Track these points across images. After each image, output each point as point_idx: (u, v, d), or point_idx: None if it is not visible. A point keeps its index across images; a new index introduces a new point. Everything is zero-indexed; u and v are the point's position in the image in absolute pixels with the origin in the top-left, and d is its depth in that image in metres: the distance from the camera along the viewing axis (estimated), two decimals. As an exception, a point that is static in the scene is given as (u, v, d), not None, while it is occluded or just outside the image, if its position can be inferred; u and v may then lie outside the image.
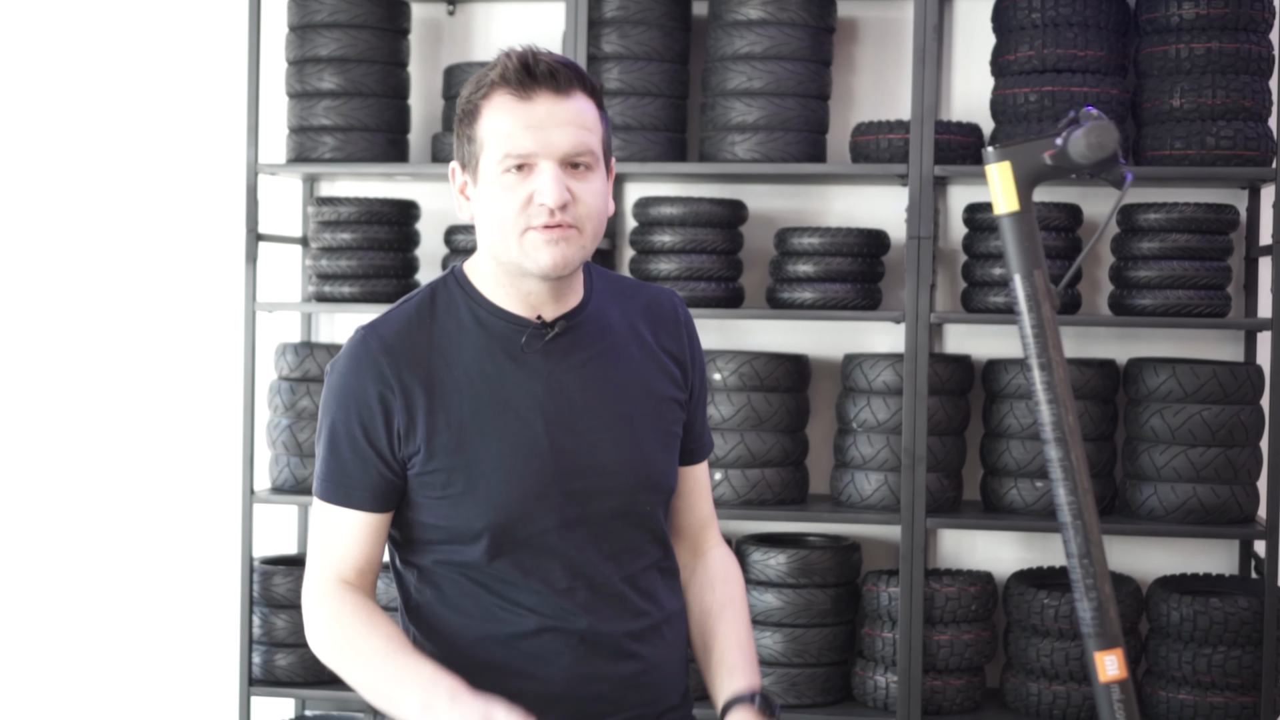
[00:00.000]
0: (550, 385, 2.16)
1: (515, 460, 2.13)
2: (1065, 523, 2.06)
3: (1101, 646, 2.06)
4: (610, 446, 2.18)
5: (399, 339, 2.16)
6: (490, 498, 2.12)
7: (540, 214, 2.08)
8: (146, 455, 4.99)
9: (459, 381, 2.14)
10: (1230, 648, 4.12)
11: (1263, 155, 4.16)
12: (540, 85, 2.11)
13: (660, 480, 2.25)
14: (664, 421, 2.25)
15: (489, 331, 2.17)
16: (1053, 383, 2.08)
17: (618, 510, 2.19)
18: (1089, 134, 2.07)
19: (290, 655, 4.52)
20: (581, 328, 2.21)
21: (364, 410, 2.13)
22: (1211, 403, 4.15)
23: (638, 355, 2.24)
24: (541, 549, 2.15)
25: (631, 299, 2.29)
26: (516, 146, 2.09)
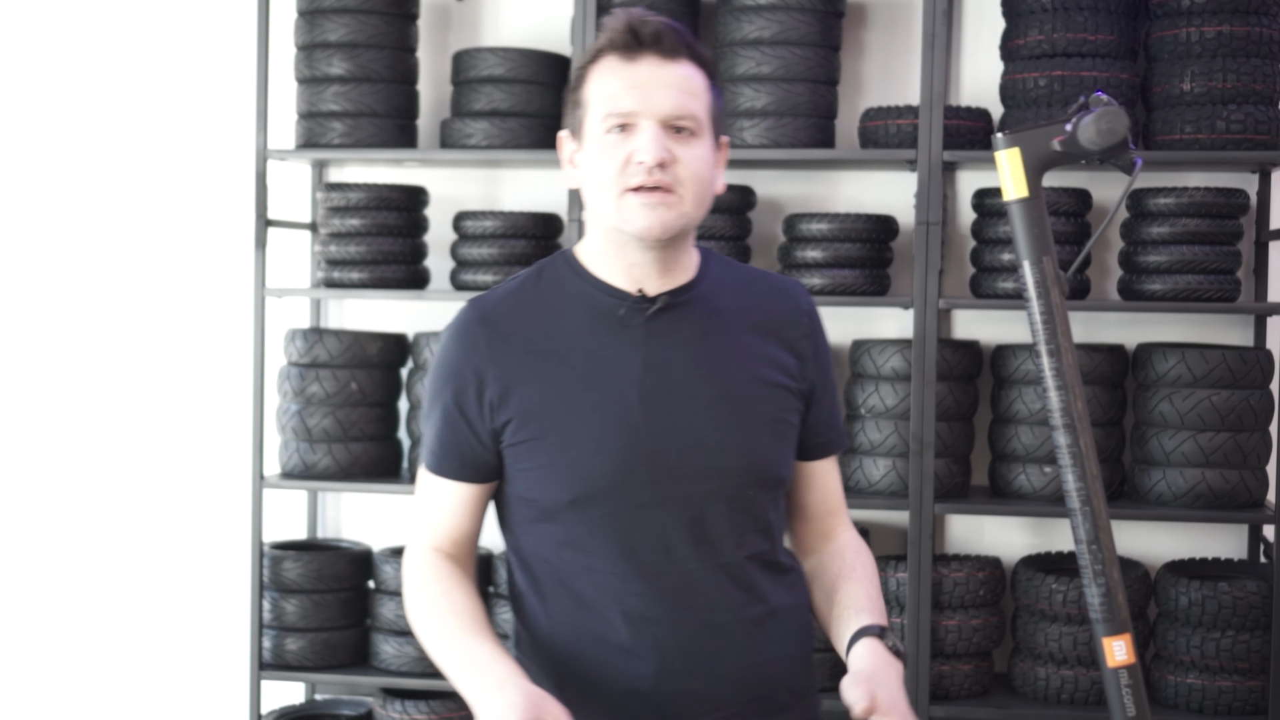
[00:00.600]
0: (649, 360, 2.13)
1: (606, 431, 2.10)
2: (1073, 509, 2.07)
3: (1110, 632, 2.07)
4: (709, 427, 2.12)
5: (499, 310, 2.17)
6: (578, 467, 2.09)
7: (638, 173, 2.06)
8: (157, 441, 5.00)
9: (557, 352, 2.13)
10: (1239, 632, 4.12)
11: (1273, 139, 4.15)
12: (646, 48, 2.09)
13: (764, 467, 2.17)
14: (773, 409, 2.18)
15: (591, 304, 2.15)
16: (1061, 369, 2.08)
17: (715, 493, 2.13)
18: (1099, 120, 2.07)
19: (300, 639, 4.54)
20: (688, 305, 2.17)
21: (459, 381, 2.14)
22: (1221, 387, 4.15)
23: (748, 340, 2.18)
24: (630, 529, 2.10)
25: (750, 285, 2.25)
26: (618, 105, 2.08)
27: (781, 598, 2.21)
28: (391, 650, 4.49)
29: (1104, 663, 2.07)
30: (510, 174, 4.83)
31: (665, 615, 2.11)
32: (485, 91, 4.49)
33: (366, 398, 4.55)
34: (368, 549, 4.72)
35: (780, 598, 2.20)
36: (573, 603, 2.14)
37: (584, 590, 2.13)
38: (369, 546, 4.75)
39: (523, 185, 4.81)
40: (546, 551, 2.16)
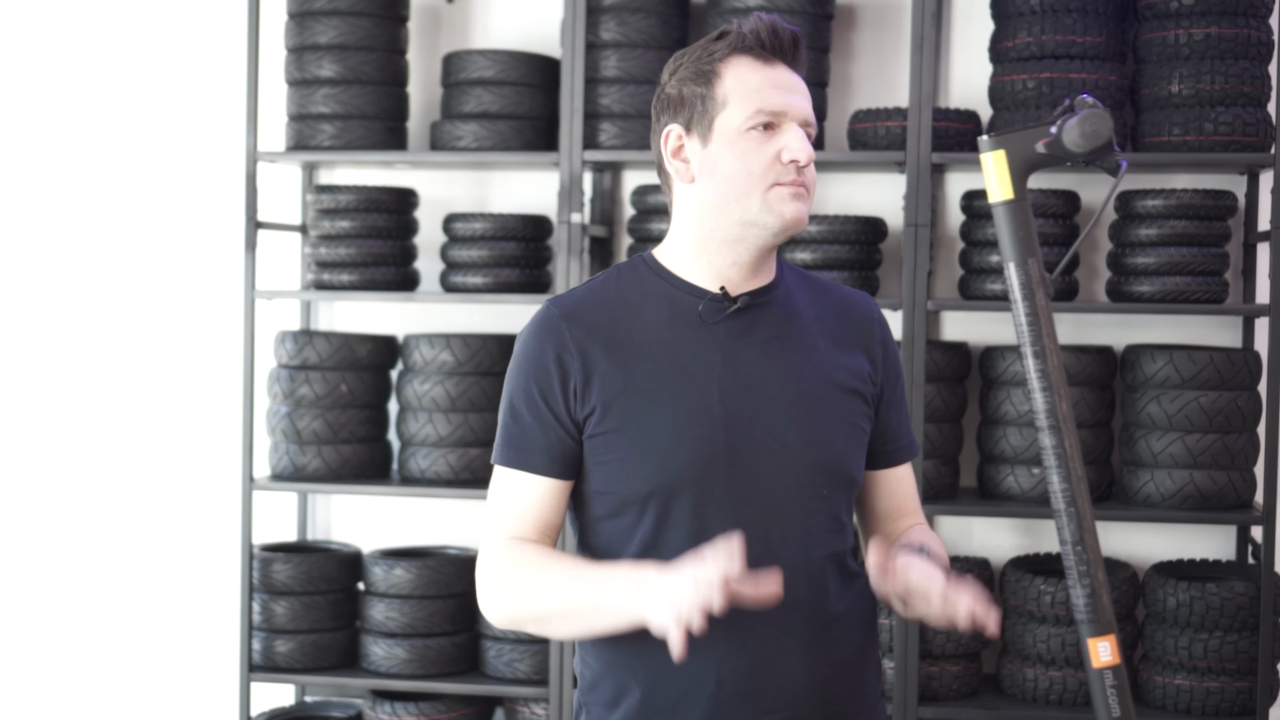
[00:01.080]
0: (729, 357, 2.17)
1: (686, 424, 2.13)
2: (1059, 510, 2.07)
3: (1095, 633, 2.07)
4: (786, 424, 2.16)
5: (580, 306, 2.20)
6: (658, 459, 2.12)
7: (789, 171, 2.13)
8: (147, 443, 5.00)
9: (638, 346, 2.16)
10: (1226, 633, 4.13)
11: (1261, 141, 4.16)
12: (782, 54, 2.18)
13: (839, 467, 2.20)
14: (846, 412, 2.22)
15: (672, 302, 2.19)
16: (1046, 370, 2.09)
17: (791, 491, 2.16)
18: (1083, 122, 2.08)
19: (290, 641, 4.54)
20: (767, 306, 2.22)
21: (542, 374, 2.16)
22: (1209, 389, 4.16)
23: (823, 345, 2.23)
24: (706, 523, 2.12)
25: (824, 294, 2.30)
26: (769, 103, 2.14)
27: (849, 602, 2.22)
28: (381, 652, 4.49)
29: (1089, 663, 2.08)
30: (500, 176, 4.84)
31: (732, 612, 2.04)
32: (475, 94, 4.49)
33: (356, 399, 4.55)
34: (357, 551, 4.72)
35: (848, 602, 2.21)
36: None
37: None
38: (359, 548, 4.75)
39: (513, 187, 4.81)
40: (619, 547, 2.18)
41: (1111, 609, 2.08)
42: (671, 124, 2.21)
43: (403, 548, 4.77)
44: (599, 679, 2.21)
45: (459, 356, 4.45)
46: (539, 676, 4.45)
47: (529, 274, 4.51)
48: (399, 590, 4.50)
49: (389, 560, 4.54)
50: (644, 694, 2.17)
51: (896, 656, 4.21)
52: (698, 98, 2.17)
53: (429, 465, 4.48)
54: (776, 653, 2.14)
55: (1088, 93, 4.10)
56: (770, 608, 2.06)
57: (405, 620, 4.49)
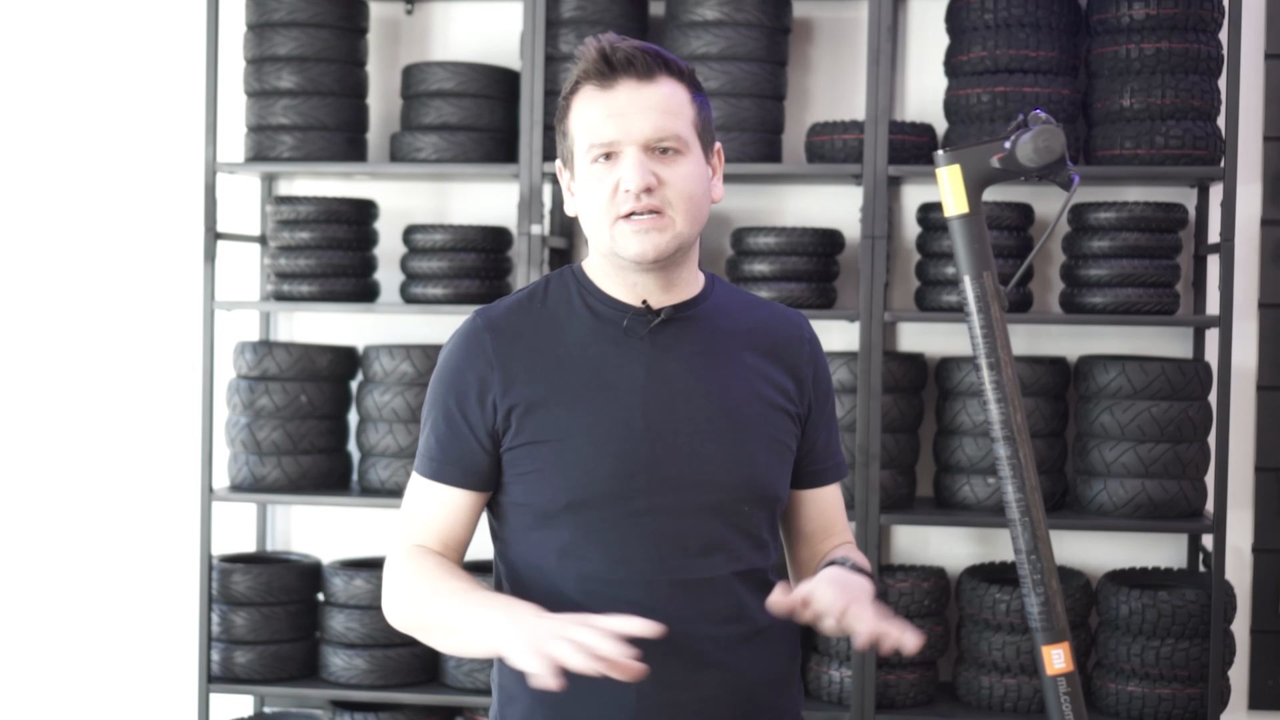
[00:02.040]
0: (653, 371, 2.15)
1: (608, 436, 2.11)
2: (1013, 519, 2.11)
3: (1049, 640, 2.11)
4: (709, 439, 2.14)
5: (505, 318, 2.18)
6: (578, 472, 2.10)
7: (626, 201, 2.09)
8: (105, 453, 4.99)
9: (561, 359, 2.15)
10: (1178, 640, 4.18)
11: (1211, 154, 4.22)
12: (620, 73, 2.11)
13: (761, 483, 2.18)
14: (771, 428, 2.20)
15: (596, 315, 2.18)
16: (1001, 382, 2.12)
17: (713, 506, 2.14)
18: (1036, 138, 2.12)
19: (249, 652, 4.53)
20: (692, 321, 2.20)
21: (461, 385, 2.15)
22: (1160, 399, 4.21)
23: (750, 360, 2.20)
24: (626, 536, 2.11)
25: (753, 310, 2.27)
26: (599, 135, 2.10)
27: (771, 617, 2.14)
28: (341, 663, 4.49)
29: (1043, 671, 2.11)
30: (460, 187, 4.85)
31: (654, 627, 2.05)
32: (435, 105, 4.51)
33: (316, 410, 4.55)
34: (317, 562, 4.72)
35: (769, 617, 2.14)
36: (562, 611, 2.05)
37: (574, 598, 2.11)
38: (318, 559, 4.75)
39: (472, 199, 4.83)
40: (539, 559, 2.15)
41: (1065, 617, 2.11)
42: (558, 160, 2.23)
43: (363, 558, 4.77)
44: (515, 693, 2.18)
45: (419, 367, 4.46)
46: (499, 686, 4.45)
47: (489, 285, 4.52)
48: (359, 601, 4.50)
49: (349, 571, 4.55)
50: (560, 710, 2.14)
51: (854, 665, 4.24)
52: (560, 135, 2.19)
53: (389, 476, 4.48)
54: (696, 667, 2.12)
55: (1040, 108, 4.15)
56: (693, 620, 2.09)
57: (365, 631, 4.49)
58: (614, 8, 4.43)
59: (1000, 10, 4.27)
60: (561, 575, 2.13)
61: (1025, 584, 2.11)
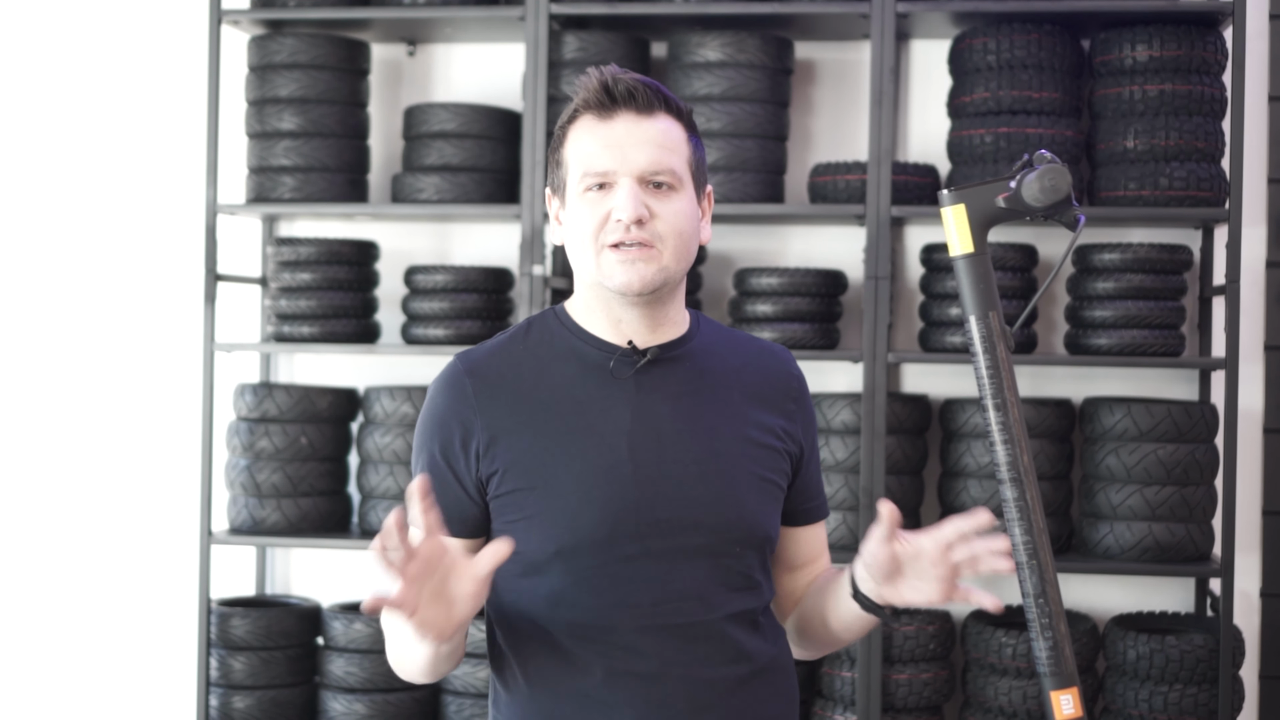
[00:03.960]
0: (639, 412, 2.11)
1: (594, 482, 2.07)
2: (1020, 562, 2.08)
3: (1057, 686, 2.07)
4: (698, 481, 2.10)
5: (487, 362, 2.15)
6: (566, 518, 2.07)
7: (616, 230, 2.07)
8: (104, 495, 4.96)
9: (545, 403, 2.11)
10: (1186, 685, 4.14)
11: (1216, 196, 4.21)
12: (620, 105, 2.10)
13: (751, 523, 2.14)
14: (761, 468, 2.16)
15: (580, 357, 2.14)
16: (1008, 423, 2.09)
17: (703, 548, 2.10)
18: (1042, 177, 2.10)
19: (248, 697, 4.50)
20: (678, 361, 2.16)
21: (444, 432, 2.12)
22: (1166, 441, 4.18)
23: (738, 399, 2.17)
24: (616, 582, 2.08)
25: (741, 348, 2.24)
26: (595, 164, 2.08)
27: (767, 658, 2.16)
28: (340, 708, 4.45)
29: (1051, 717, 2.08)
30: (461, 228, 4.84)
31: (649, 670, 2.07)
32: (436, 146, 4.50)
33: (316, 453, 4.53)
34: (317, 605, 4.69)
35: (765, 657, 2.15)
36: (554, 658, 2.10)
37: (566, 645, 2.09)
38: (318, 603, 4.72)
39: (474, 239, 4.82)
40: (530, 607, 2.12)
41: (1074, 661, 2.08)
42: (547, 187, 2.22)
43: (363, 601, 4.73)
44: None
45: (420, 409, 4.44)
46: (499, 731, 4.41)
47: (491, 326, 4.50)
48: (359, 645, 4.47)
49: (349, 615, 4.51)
50: None
51: (859, 708, 4.20)
52: (554, 163, 2.17)
53: (389, 518, 4.45)
54: (693, 711, 2.09)
55: (1045, 148, 4.15)
56: (687, 663, 2.07)
57: (365, 675, 4.45)
58: (616, 49, 4.43)
59: (1003, 52, 4.26)
60: (553, 622, 2.09)
61: (1033, 628, 2.07)
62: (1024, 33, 4.27)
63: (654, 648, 2.08)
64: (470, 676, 4.42)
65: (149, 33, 4.96)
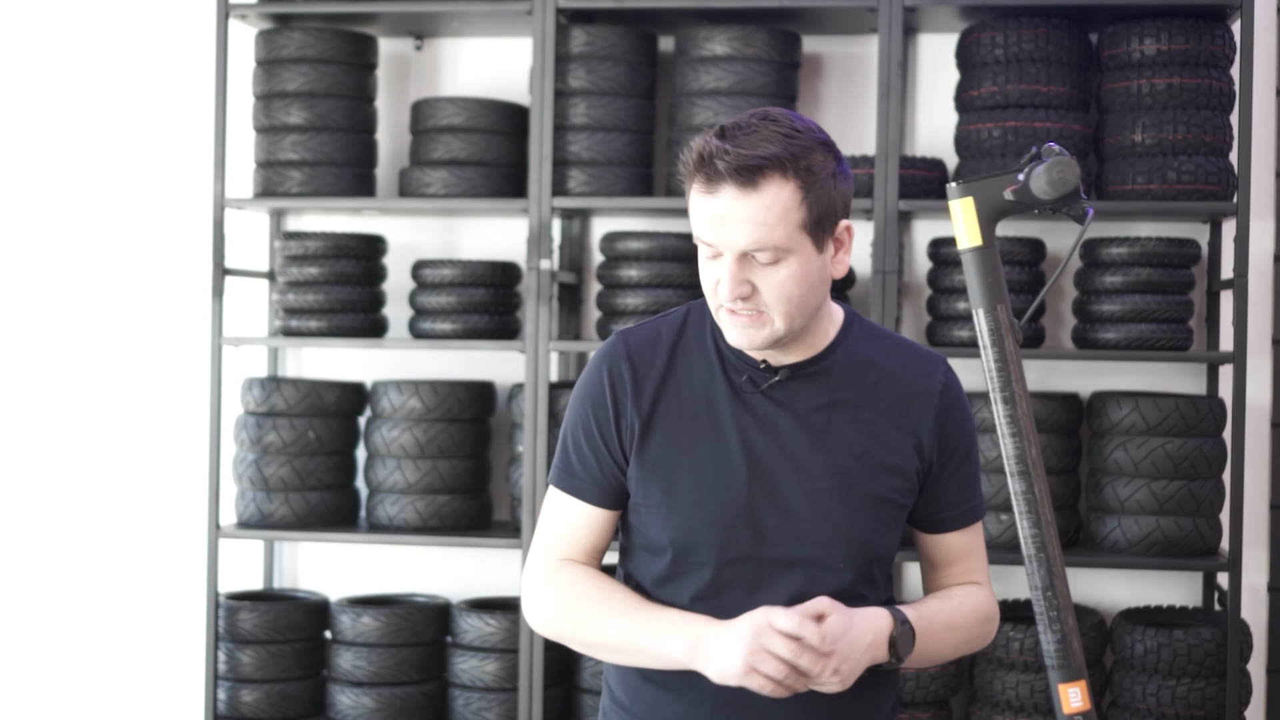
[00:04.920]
0: (764, 425, 2.21)
1: (712, 486, 2.20)
2: (1029, 556, 2.07)
3: (1065, 679, 2.07)
4: (809, 497, 2.20)
5: (644, 346, 2.27)
6: (679, 515, 2.20)
7: (725, 298, 2.14)
8: (112, 489, 4.97)
9: (684, 400, 2.24)
10: (1194, 679, 4.14)
11: (1224, 190, 4.20)
12: (723, 179, 2.10)
13: (855, 542, 2.22)
14: (878, 487, 2.23)
15: (723, 363, 2.25)
16: (1016, 416, 2.09)
17: (803, 559, 2.20)
18: (1051, 170, 2.09)
19: (255, 691, 4.50)
20: (812, 378, 2.24)
21: (600, 407, 2.25)
22: (1174, 436, 4.18)
23: (866, 417, 2.24)
24: (719, 580, 2.21)
25: (889, 359, 2.30)
26: (704, 235, 2.13)
27: None
28: (348, 701, 4.46)
29: (1059, 710, 2.08)
30: (468, 223, 4.84)
31: None
32: (444, 140, 4.50)
33: (324, 446, 4.53)
34: (324, 599, 4.69)
35: None
36: None
37: None
38: (326, 596, 4.72)
39: (481, 234, 4.82)
40: (642, 578, 2.28)
41: (1082, 654, 2.08)
42: None
43: (370, 595, 4.75)
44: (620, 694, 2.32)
45: (427, 403, 4.44)
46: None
47: (497, 320, 4.51)
48: (366, 639, 4.47)
49: (356, 608, 4.52)
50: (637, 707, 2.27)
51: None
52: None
53: (397, 512, 4.46)
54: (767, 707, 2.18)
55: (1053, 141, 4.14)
56: None
57: (373, 669, 4.46)
58: (623, 43, 4.43)
59: (1011, 46, 4.26)
60: (658, 597, 2.24)
61: (1041, 621, 2.07)
62: (1031, 27, 4.26)
63: None
64: (478, 670, 4.42)
65: (157, 27, 4.96)
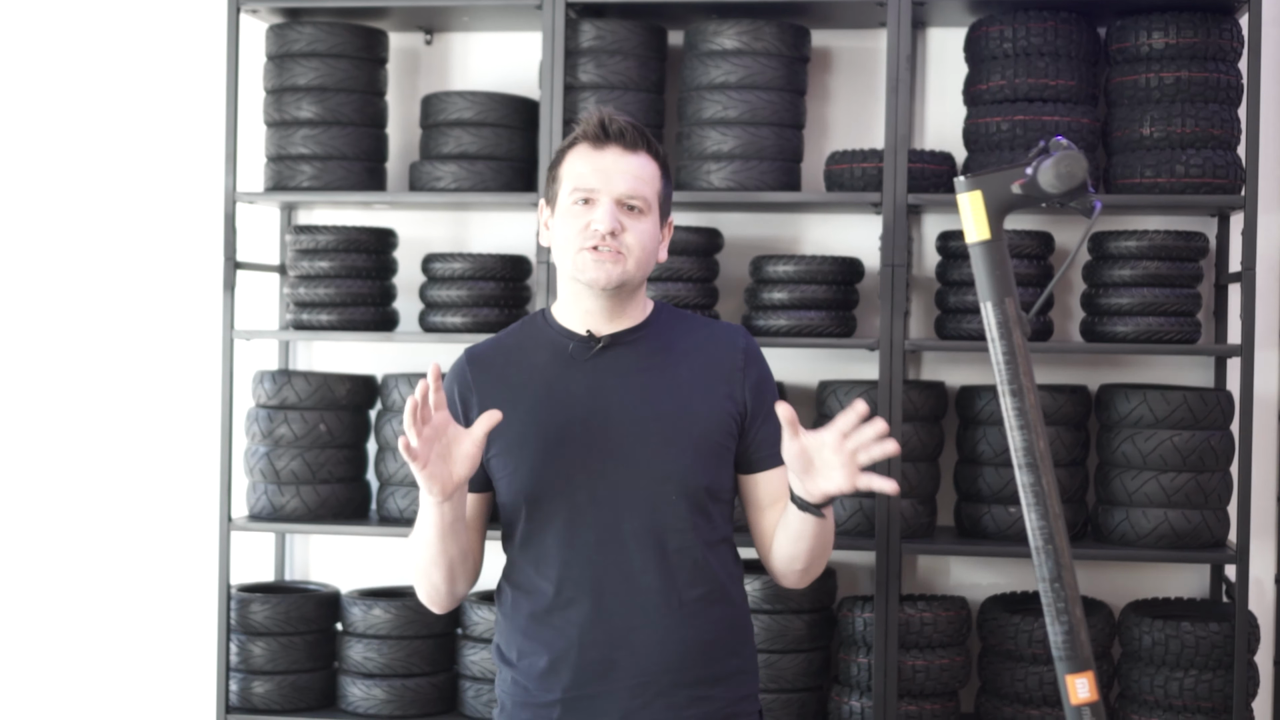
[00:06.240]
0: (593, 388, 2.65)
1: (553, 444, 2.62)
2: (1036, 547, 2.09)
3: (1073, 670, 2.09)
4: (639, 442, 2.61)
5: (485, 353, 2.75)
6: (530, 473, 2.62)
7: (592, 237, 2.60)
8: (124, 482, 4.99)
9: (523, 382, 2.67)
10: (1202, 671, 4.15)
11: (1232, 183, 4.21)
12: (611, 140, 2.65)
13: (685, 477, 2.62)
14: (704, 430, 2.64)
15: (552, 345, 2.70)
16: (1024, 409, 2.11)
17: (643, 497, 2.61)
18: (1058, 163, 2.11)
19: (267, 682, 4.52)
20: (632, 345, 2.69)
21: (452, 409, 2.67)
22: (1182, 428, 4.19)
23: (685, 374, 2.67)
24: (573, 524, 2.61)
25: (695, 331, 2.74)
26: (584, 182, 2.63)
27: (702, 592, 2.63)
28: (359, 693, 4.48)
29: (1067, 700, 2.10)
30: (479, 216, 4.86)
31: (593, 595, 2.61)
32: (454, 134, 4.52)
33: (335, 439, 4.55)
34: (336, 591, 4.71)
35: (700, 591, 2.63)
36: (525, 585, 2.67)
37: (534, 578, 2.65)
38: (337, 589, 4.74)
39: (491, 227, 4.84)
40: (512, 550, 2.70)
41: (1089, 645, 2.10)
42: (542, 198, 2.74)
43: (381, 588, 4.76)
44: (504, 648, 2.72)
45: (438, 396, 4.46)
46: (517, 717, 4.43)
47: (508, 314, 4.52)
48: (377, 630, 4.49)
49: (367, 600, 4.54)
50: (529, 658, 2.66)
51: (875, 695, 4.22)
52: (551, 178, 2.71)
53: (408, 505, 4.48)
54: (630, 630, 2.60)
55: (1061, 135, 4.15)
56: (626, 592, 2.59)
57: (384, 661, 4.48)
58: (632, 38, 4.44)
59: (1019, 39, 4.26)
60: (523, 559, 2.66)
61: (1048, 612, 2.09)
62: (1040, 20, 4.27)
63: (599, 579, 2.60)
64: (488, 662, 4.44)
65: (168, 22, 4.98)
